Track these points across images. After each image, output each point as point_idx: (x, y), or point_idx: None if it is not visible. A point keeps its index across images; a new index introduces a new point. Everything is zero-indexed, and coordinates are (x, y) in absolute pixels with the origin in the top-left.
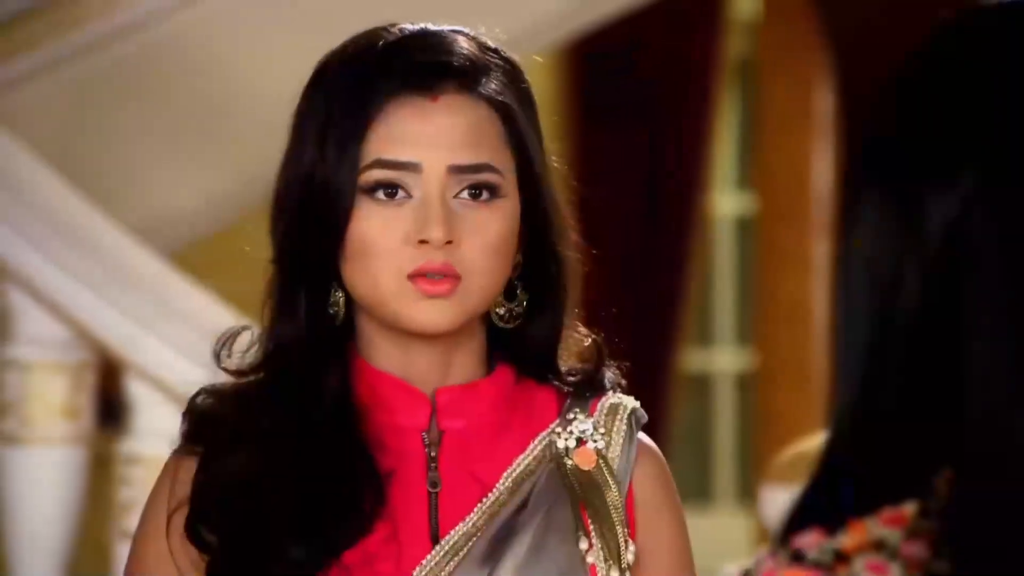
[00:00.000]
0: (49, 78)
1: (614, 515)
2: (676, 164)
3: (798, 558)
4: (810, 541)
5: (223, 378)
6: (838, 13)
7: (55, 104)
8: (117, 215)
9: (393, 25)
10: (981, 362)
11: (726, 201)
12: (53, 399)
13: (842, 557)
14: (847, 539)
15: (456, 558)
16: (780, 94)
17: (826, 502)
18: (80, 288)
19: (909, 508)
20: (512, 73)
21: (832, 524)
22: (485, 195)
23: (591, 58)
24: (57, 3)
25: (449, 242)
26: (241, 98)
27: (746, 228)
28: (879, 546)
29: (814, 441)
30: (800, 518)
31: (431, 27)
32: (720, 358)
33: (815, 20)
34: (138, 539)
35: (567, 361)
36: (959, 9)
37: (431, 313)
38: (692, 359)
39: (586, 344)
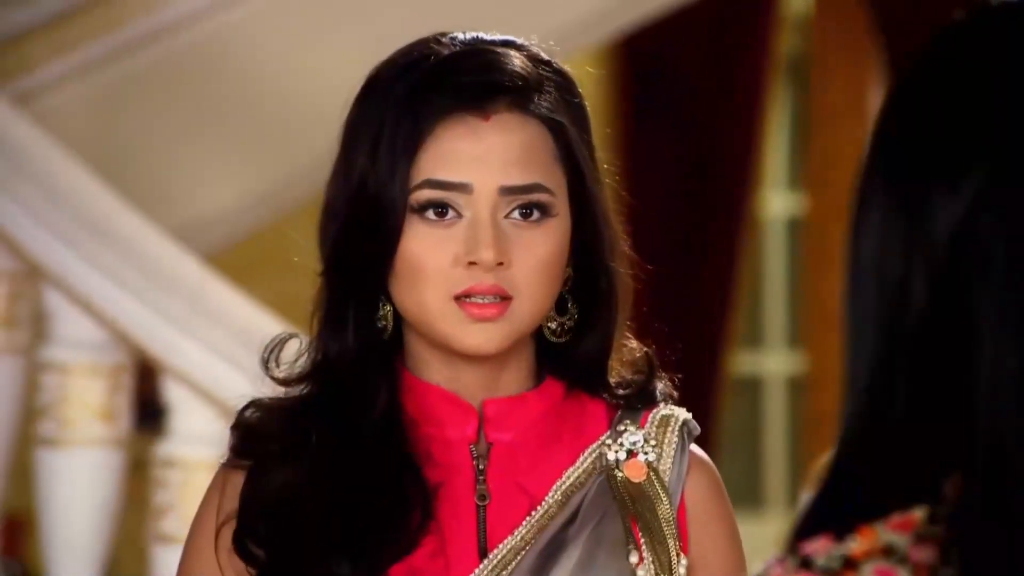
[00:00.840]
0: (88, 79)
1: (666, 529)
2: (725, 164)
3: (806, 564)
4: (819, 547)
5: (263, 383)
6: (891, 9)
7: (94, 105)
8: (156, 217)
9: (444, 35)
10: (990, 366)
11: (777, 201)
12: (90, 401)
13: (851, 563)
14: (856, 545)
15: (504, 572)
16: (832, 92)
17: (835, 508)
18: (117, 290)
19: (918, 513)
20: (565, 87)
21: (841, 530)
22: (536, 215)
23: (636, 56)
24: (95, 5)
25: (500, 263)
26: (279, 99)
27: (797, 229)
28: (888, 552)
29: None
30: (809, 524)
31: (483, 37)
32: (770, 361)
33: (867, 16)
34: (187, 553)
35: (618, 372)
36: (967, 9)
37: (479, 337)
38: (742, 362)
39: (637, 356)
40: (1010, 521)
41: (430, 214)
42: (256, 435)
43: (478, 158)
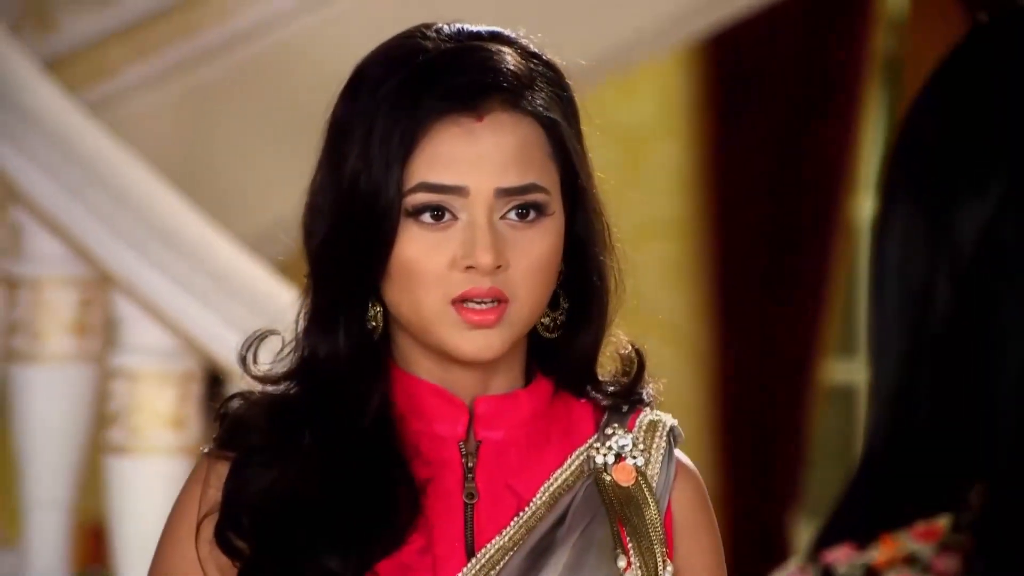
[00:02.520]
0: (166, 85)
1: (653, 534)
2: (818, 166)
3: (828, 573)
4: (840, 556)
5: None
6: (987, 10)
7: (172, 111)
8: (232, 222)
9: (429, 27)
10: (1015, 371)
11: (871, 206)
12: (159, 409)
13: (872, 572)
14: (878, 554)
15: (492, 572)
16: None
17: (858, 516)
18: (187, 297)
19: (942, 522)
20: (555, 81)
21: (864, 539)
22: (532, 215)
23: (726, 56)
24: (173, 10)
25: (498, 267)
26: None
27: None
28: (910, 561)
29: None
30: (832, 532)
31: (470, 30)
32: (864, 369)
33: (963, 17)
34: (164, 542)
35: (607, 369)
36: (992, 14)
37: (477, 344)
38: (835, 370)
39: (625, 352)
40: None
41: (425, 217)
42: (243, 427)
43: (473, 160)
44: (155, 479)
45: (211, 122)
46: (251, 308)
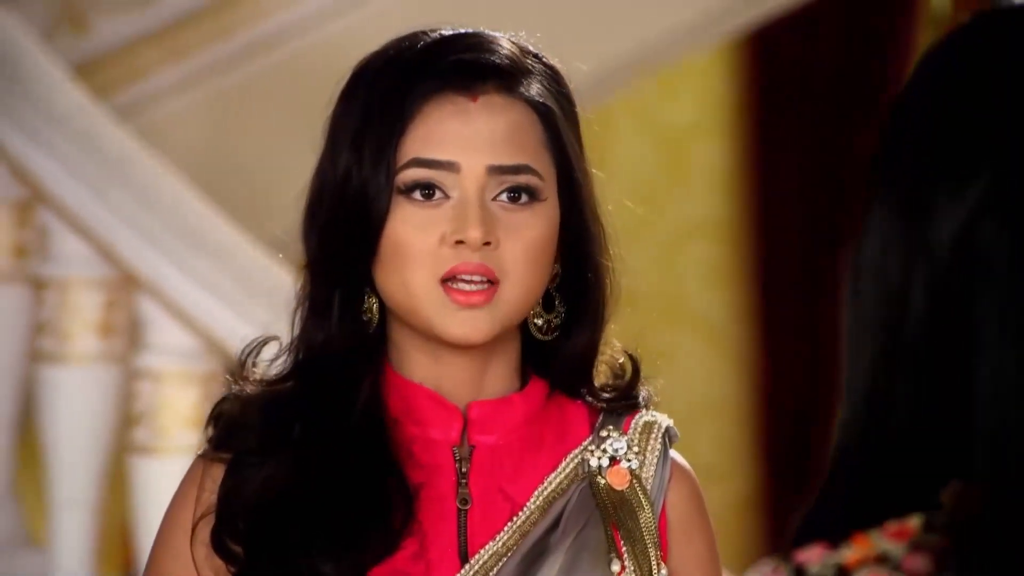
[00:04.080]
0: (199, 88)
1: (647, 537)
2: (860, 167)
3: (800, 573)
4: (813, 556)
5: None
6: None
7: (205, 113)
8: (261, 224)
9: (434, 29)
10: (990, 374)
11: None
12: (184, 409)
13: (844, 571)
14: (850, 553)
15: None
16: None
17: (831, 515)
18: (211, 299)
19: (914, 522)
20: (554, 79)
21: (836, 538)
22: (524, 198)
23: (767, 56)
24: (206, 14)
25: (487, 243)
26: None
27: None
28: (882, 560)
29: None
30: (805, 532)
31: (472, 29)
32: None
33: None
34: (159, 544)
35: (602, 374)
36: (972, 15)
37: (465, 325)
38: None
39: (620, 359)
40: (1009, 530)
41: (417, 195)
42: (237, 427)
43: (465, 138)
44: (179, 479)
45: (242, 124)
46: (275, 310)
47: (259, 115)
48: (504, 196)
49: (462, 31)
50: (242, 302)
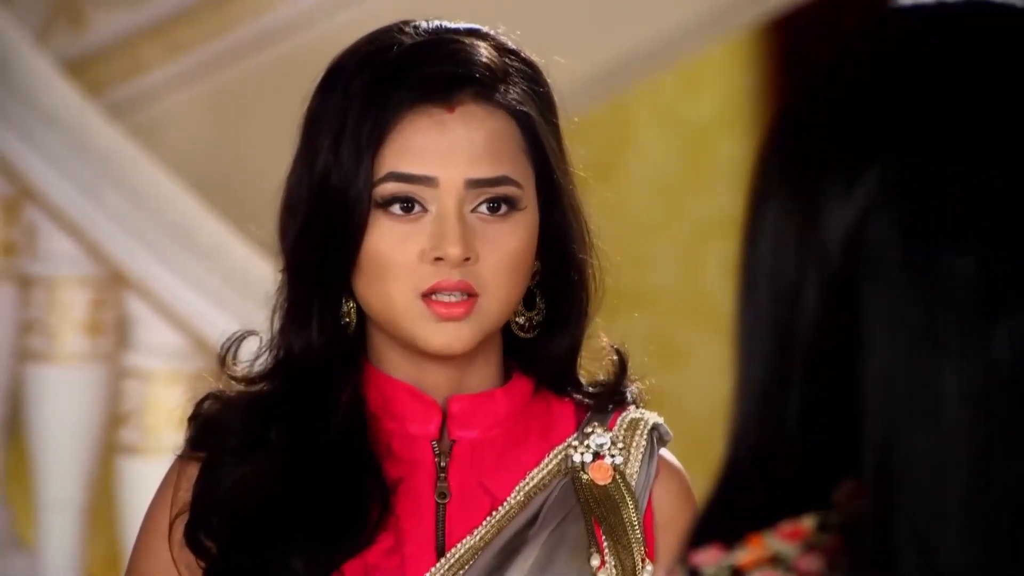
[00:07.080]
0: (198, 83)
1: (630, 533)
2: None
3: (695, 575)
4: (708, 557)
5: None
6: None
7: (203, 109)
8: (258, 222)
9: (407, 23)
10: (878, 374)
11: None
12: (172, 409)
13: (738, 573)
14: (744, 554)
15: (461, 572)
16: None
17: (726, 516)
18: (200, 298)
19: (807, 522)
20: (532, 77)
21: (731, 539)
22: (503, 209)
23: (790, 53)
24: (205, 8)
25: (467, 259)
26: None
27: None
28: (775, 561)
29: None
30: (701, 533)
31: (447, 26)
32: None
33: None
34: (139, 545)
35: (588, 371)
36: (872, 14)
37: (446, 337)
38: None
39: (607, 354)
40: (896, 530)
41: (395, 209)
42: (214, 427)
43: (443, 151)
44: None
45: (241, 120)
46: (265, 308)
47: (258, 110)
48: (483, 208)
49: (438, 34)
50: (232, 301)
